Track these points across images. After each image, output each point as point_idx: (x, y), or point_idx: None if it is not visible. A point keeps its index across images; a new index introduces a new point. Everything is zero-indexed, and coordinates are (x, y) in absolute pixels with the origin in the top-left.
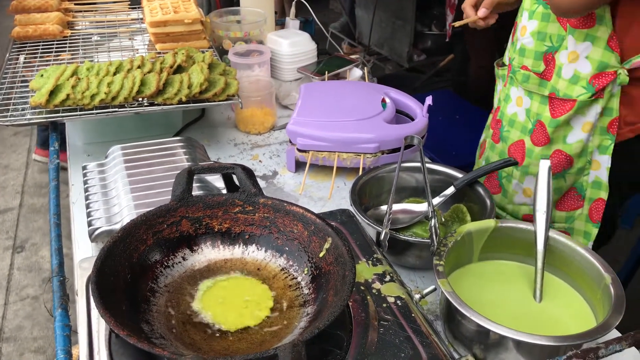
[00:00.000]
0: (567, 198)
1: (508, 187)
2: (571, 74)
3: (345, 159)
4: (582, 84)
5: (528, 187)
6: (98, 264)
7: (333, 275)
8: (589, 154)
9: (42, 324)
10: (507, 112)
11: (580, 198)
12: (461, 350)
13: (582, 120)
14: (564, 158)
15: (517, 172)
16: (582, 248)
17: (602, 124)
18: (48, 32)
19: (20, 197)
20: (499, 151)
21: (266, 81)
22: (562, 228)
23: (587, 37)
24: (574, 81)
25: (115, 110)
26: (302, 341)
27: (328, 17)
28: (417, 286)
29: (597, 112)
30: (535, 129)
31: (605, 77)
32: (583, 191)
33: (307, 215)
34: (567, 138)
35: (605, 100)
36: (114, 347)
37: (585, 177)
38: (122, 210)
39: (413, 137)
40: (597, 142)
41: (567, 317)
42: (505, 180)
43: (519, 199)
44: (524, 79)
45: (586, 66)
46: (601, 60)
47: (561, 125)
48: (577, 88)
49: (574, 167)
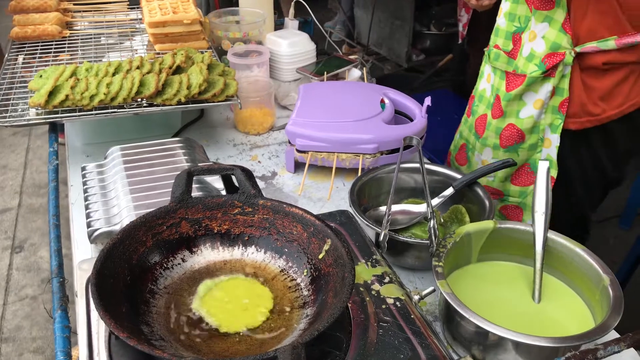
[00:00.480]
0: (521, 173)
1: (472, 158)
2: (528, 52)
3: (344, 159)
4: (535, 62)
5: (485, 159)
6: (97, 265)
7: (332, 276)
8: (541, 131)
9: (41, 324)
10: (479, 87)
11: (533, 174)
12: (460, 351)
13: (534, 97)
14: (516, 132)
15: (478, 144)
16: (581, 249)
17: (554, 103)
18: (47, 32)
19: (19, 197)
20: (469, 124)
21: (265, 82)
22: (516, 203)
23: (545, 19)
24: (529, 59)
25: (115, 111)
26: (302, 343)
27: (327, 17)
28: (416, 287)
29: (548, 91)
30: (494, 102)
31: (555, 57)
32: (535, 167)
33: (306, 216)
34: (519, 113)
35: (556, 79)
36: (113, 348)
37: (538, 154)
38: (121, 211)
39: (412, 137)
40: (549, 121)
41: (566, 318)
42: (470, 153)
43: None
44: (495, 57)
45: (541, 45)
46: (554, 41)
47: (514, 100)
48: (531, 65)
49: (525, 142)
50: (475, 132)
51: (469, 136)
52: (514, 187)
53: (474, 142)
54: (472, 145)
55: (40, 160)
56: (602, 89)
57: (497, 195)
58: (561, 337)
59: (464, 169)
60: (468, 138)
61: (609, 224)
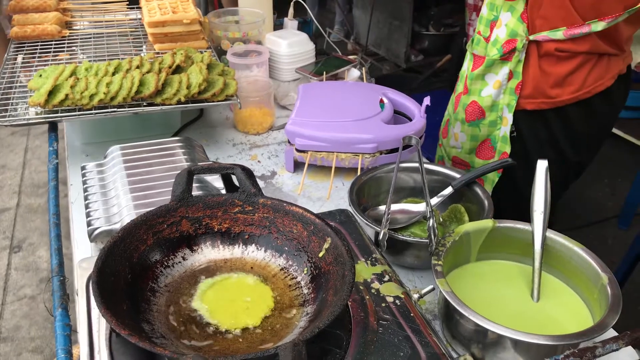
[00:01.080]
0: (483, 148)
1: (449, 131)
2: (494, 37)
3: (344, 159)
4: (497, 47)
5: (456, 132)
6: (99, 263)
7: (332, 275)
8: (500, 110)
9: (39, 323)
10: (463, 68)
11: (493, 149)
12: (459, 350)
13: (494, 78)
14: (478, 109)
15: (452, 117)
16: (580, 248)
17: (511, 85)
18: (46, 32)
19: (18, 197)
20: (452, 101)
21: (265, 81)
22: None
23: (509, 8)
24: (494, 44)
25: (114, 111)
26: (303, 340)
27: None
28: (415, 286)
29: (505, 73)
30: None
31: (512, 43)
32: (495, 143)
33: (306, 215)
34: (481, 92)
35: (513, 63)
36: (114, 346)
37: (497, 131)
38: (121, 210)
39: (411, 137)
40: (506, 101)
41: (565, 317)
42: (450, 126)
43: (451, 142)
44: (476, 42)
45: (503, 32)
46: (513, 29)
47: (476, 79)
48: (494, 50)
49: (486, 119)
50: (453, 107)
51: (451, 111)
52: (478, 159)
53: (452, 116)
54: (452, 119)
55: (39, 160)
56: (557, 75)
57: (463, 166)
58: (560, 335)
59: (445, 141)
60: (450, 113)
61: (607, 224)
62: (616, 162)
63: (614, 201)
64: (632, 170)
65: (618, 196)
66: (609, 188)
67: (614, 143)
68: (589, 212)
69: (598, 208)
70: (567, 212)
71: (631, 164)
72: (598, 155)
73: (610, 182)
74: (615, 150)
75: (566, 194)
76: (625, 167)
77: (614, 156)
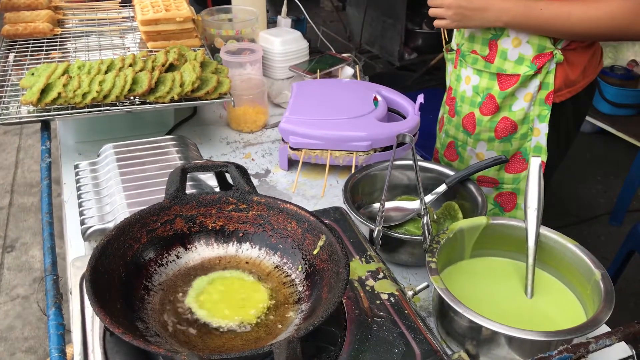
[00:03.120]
0: (514, 161)
1: (464, 153)
2: (516, 56)
3: (338, 157)
4: (526, 64)
5: (480, 152)
6: (92, 262)
7: (327, 272)
8: (531, 121)
9: (33, 323)
10: (459, 89)
11: (524, 161)
12: (454, 346)
13: (525, 91)
14: (510, 124)
15: (471, 139)
16: (573, 244)
17: (541, 96)
18: (38, 30)
19: (10, 196)
20: (455, 123)
21: (258, 79)
22: (510, 189)
23: None
24: (519, 62)
25: (107, 109)
26: (297, 338)
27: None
28: (410, 283)
29: (536, 85)
30: (485, 101)
31: (544, 57)
32: (527, 155)
33: (300, 212)
34: (512, 107)
35: (543, 75)
36: (108, 345)
37: (528, 142)
38: (114, 208)
39: (405, 135)
40: (537, 112)
41: (558, 313)
42: (460, 149)
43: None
44: (473, 61)
45: (528, 49)
46: (539, 44)
47: (508, 96)
48: (522, 67)
49: (518, 132)
50: (464, 129)
51: (457, 134)
52: (508, 174)
53: (464, 138)
54: (462, 141)
55: (32, 159)
56: (582, 63)
57: (492, 183)
58: (553, 332)
59: (456, 163)
60: (456, 136)
61: (600, 221)
62: (608, 159)
63: (607, 198)
64: (624, 168)
65: (610, 193)
66: (602, 185)
67: (606, 140)
68: (582, 209)
69: (591, 205)
70: (560, 209)
71: (623, 161)
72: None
73: (603, 179)
74: (607, 148)
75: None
76: (617, 164)
77: (607, 153)
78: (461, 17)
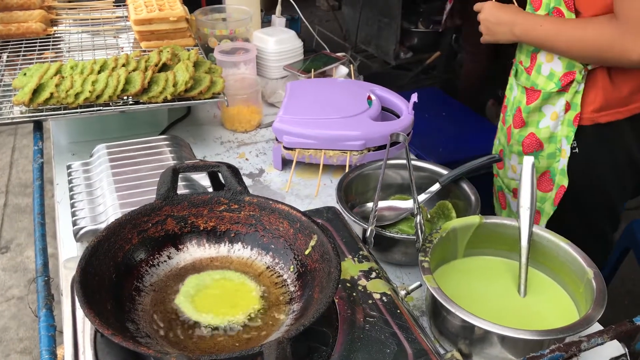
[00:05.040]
0: (543, 180)
1: (506, 163)
2: (548, 71)
3: (332, 156)
4: (554, 80)
5: (513, 164)
6: (82, 263)
7: (319, 272)
8: (559, 141)
9: (27, 324)
10: (510, 98)
11: (552, 182)
12: (447, 346)
13: (552, 109)
14: (535, 141)
15: (506, 150)
16: (566, 243)
17: (569, 117)
18: (31, 30)
19: (5, 197)
20: (504, 132)
21: (252, 79)
22: (538, 207)
23: None
24: (550, 78)
25: (100, 109)
26: (288, 338)
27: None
28: (402, 282)
29: (562, 104)
30: (515, 114)
31: (570, 75)
32: (554, 176)
33: (292, 212)
34: (539, 123)
35: (570, 95)
36: (99, 346)
37: (556, 163)
38: (107, 209)
39: (399, 134)
40: (565, 133)
41: (551, 312)
42: (506, 158)
43: (509, 174)
44: (520, 73)
45: (559, 65)
46: (569, 61)
47: (533, 111)
48: (551, 83)
49: (544, 151)
50: (506, 139)
51: (505, 143)
52: (538, 191)
53: (505, 148)
54: (506, 151)
55: (27, 160)
56: (632, 84)
57: None
58: (546, 330)
59: (502, 172)
60: (504, 145)
61: None
62: None
63: None
64: None
65: None
66: None
67: None
68: None
69: None
70: None
71: None
72: None
73: None
74: None
75: None
76: None
77: None
78: (487, 30)
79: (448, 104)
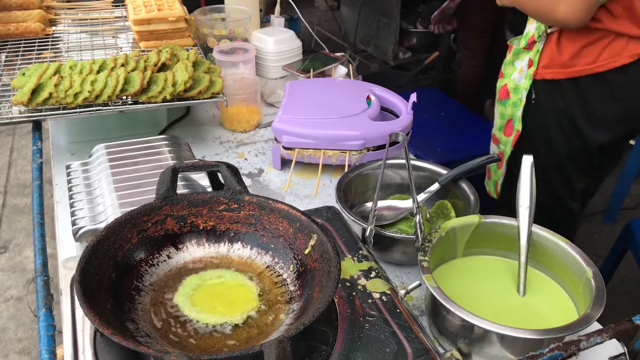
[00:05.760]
0: (508, 126)
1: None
2: (526, 31)
3: (331, 156)
4: (526, 39)
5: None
6: (82, 263)
7: (318, 271)
8: (520, 92)
9: (26, 324)
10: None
11: (512, 128)
12: (446, 345)
13: (520, 64)
14: (506, 90)
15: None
16: (565, 243)
17: (530, 72)
18: (30, 30)
19: (3, 197)
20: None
21: (251, 79)
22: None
23: None
24: (525, 37)
25: (99, 109)
26: (288, 337)
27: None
28: (402, 282)
29: (527, 60)
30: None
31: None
32: (515, 123)
33: (292, 212)
34: (511, 75)
35: (533, 52)
36: (99, 346)
37: (518, 112)
38: (106, 209)
39: (398, 134)
40: (525, 85)
41: (550, 311)
42: None
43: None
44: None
45: (533, 27)
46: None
47: (508, 65)
48: (523, 41)
49: (510, 100)
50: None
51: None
52: (504, 136)
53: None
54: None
55: (25, 160)
56: (573, 47)
57: (497, 141)
58: (545, 330)
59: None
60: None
61: (593, 219)
62: None
63: (600, 196)
64: (618, 165)
65: (604, 191)
66: None
67: None
68: None
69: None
70: None
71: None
72: None
73: None
74: None
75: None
76: None
77: None
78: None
79: (447, 104)
